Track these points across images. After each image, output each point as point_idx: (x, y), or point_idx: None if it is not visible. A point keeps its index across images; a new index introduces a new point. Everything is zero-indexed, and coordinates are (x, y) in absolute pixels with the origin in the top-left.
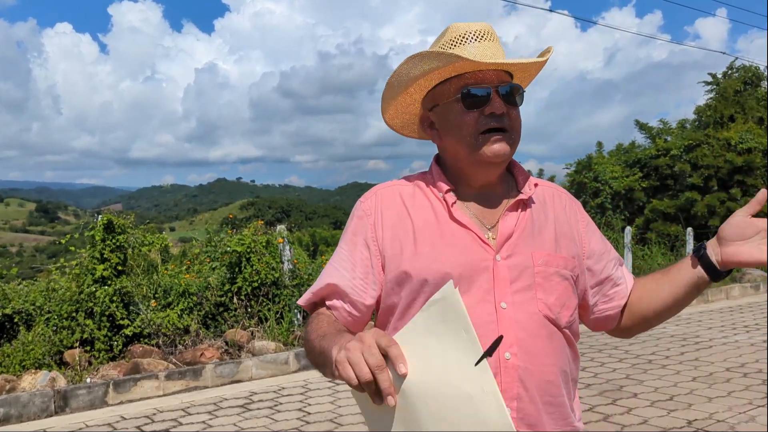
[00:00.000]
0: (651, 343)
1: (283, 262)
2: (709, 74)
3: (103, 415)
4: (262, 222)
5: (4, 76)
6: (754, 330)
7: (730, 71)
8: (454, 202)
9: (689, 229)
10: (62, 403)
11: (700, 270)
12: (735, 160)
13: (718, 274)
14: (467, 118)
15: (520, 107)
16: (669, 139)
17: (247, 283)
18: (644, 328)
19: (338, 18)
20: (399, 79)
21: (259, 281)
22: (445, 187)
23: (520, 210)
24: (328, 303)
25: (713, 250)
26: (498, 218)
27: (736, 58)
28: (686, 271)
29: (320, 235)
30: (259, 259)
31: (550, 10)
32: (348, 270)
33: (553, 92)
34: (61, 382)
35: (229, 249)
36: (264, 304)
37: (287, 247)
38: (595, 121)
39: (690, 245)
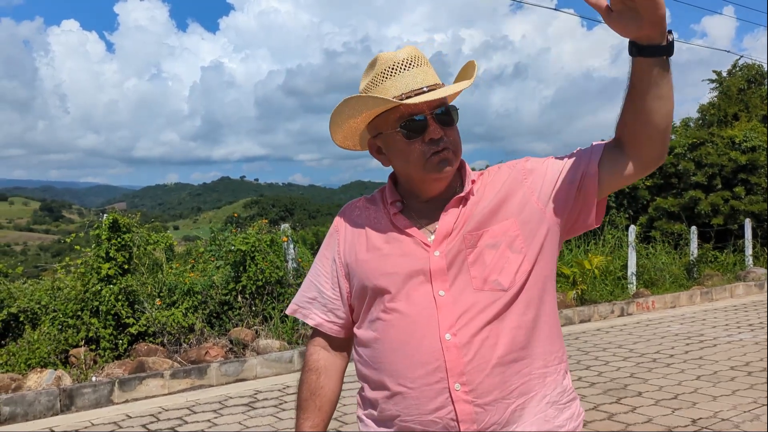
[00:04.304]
0: (655, 341)
1: (287, 261)
2: (714, 72)
3: (109, 413)
4: (266, 221)
5: (11, 75)
6: (759, 329)
7: (734, 69)
8: (396, 213)
9: (693, 228)
10: (68, 401)
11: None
12: (739, 159)
13: (631, 45)
14: (411, 147)
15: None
16: (673, 137)
17: (252, 282)
18: (643, 139)
19: (343, 16)
20: (339, 117)
21: (263, 280)
22: (391, 198)
23: (461, 206)
24: (311, 324)
25: None
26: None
27: (741, 56)
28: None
29: (324, 233)
30: (263, 258)
31: (556, 9)
32: (321, 284)
33: (559, 90)
34: (67, 381)
35: (233, 248)
36: (268, 302)
37: (291, 246)
38: (600, 119)
39: (694, 244)
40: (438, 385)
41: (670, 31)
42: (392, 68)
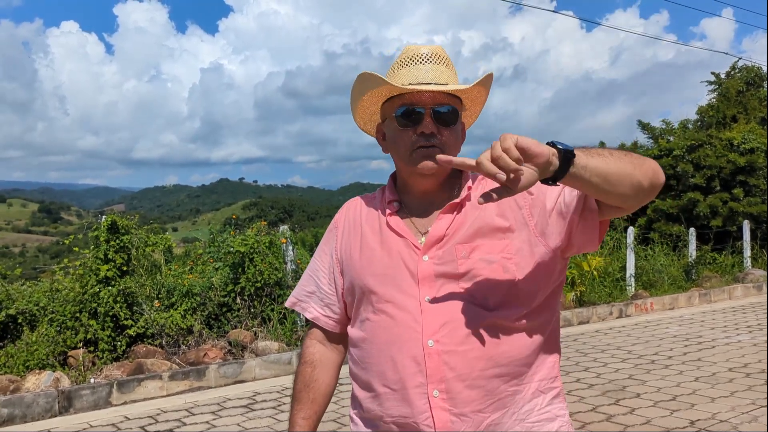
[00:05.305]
0: (654, 343)
1: (286, 263)
2: (712, 73)
3: (107, 415)
4: (265, 222)
5: (10, 77)
6: (757, 330)
7: (733, 71)
8: (392, 213)
9: (692, 230)
10: (66, 403)
11: None
12: (737, 161)
13: (544, 181)
14: (402, 136)
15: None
16: (671, 139)
17: (251, 284)
18: (622, 203)
19: (343, 18)
20: (354, 94)
21: (262, 281)
22: (389, 198)
23: (455, 213)
24: (309, 317)
25: None
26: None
27: (740, 59)
28: None
29: (323, 235)
30: (262, 260)
31: (555, 11)
32: (319, 278)
33: (558, 92)
34: (65, 383)
35: (232, 249)
36: (267, 304)
37: (290, 248)
38: (599, 121)
39: (693, 245)
40: (417, 390)
41: (551, 143)
42: (410, 59)
